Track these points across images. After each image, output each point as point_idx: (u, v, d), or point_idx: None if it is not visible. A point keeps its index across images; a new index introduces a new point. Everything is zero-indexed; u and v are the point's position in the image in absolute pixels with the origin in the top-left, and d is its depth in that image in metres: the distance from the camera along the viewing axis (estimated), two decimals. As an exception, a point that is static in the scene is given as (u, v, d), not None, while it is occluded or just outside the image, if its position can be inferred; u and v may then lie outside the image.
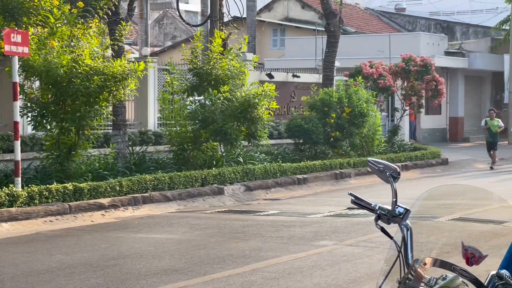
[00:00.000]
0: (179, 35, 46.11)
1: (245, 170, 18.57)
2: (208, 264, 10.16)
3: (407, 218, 4.20)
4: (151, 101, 22.46)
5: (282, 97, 26.42)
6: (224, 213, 15.41)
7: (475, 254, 3.91)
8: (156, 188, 16.11)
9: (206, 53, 19.26)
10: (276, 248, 11.37)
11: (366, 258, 10.48)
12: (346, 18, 38.67)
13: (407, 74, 29.02)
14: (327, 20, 25.89)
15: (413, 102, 29.43)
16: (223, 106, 18.57)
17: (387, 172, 4.33)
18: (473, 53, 41.34)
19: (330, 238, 12.21)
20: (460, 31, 48.89)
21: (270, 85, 19.37)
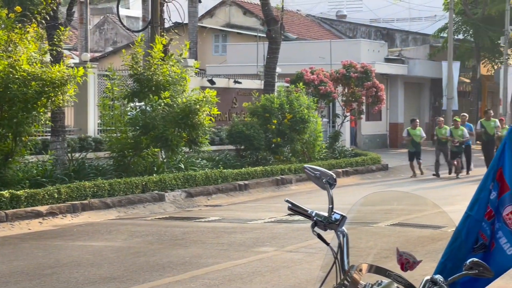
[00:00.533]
0: (120, 41, 45.76)
1: (186, 177, 18.49)
2: (147, 271, 10.07)
3: (344, 224, 4.22)
4: (91, 107, 22.23)
5: (224, 103, 26.40)
6: (164, 220, 15.31)
7: (409, 259, 3.95)
8: (96, 195, 15.93)
9: (147, 59, 19.15)
10: (216, 254, 11.33)
11: (306, 264, 10.51)
12: (288, 25, 38.88)
13: (347, 80, 29.27)
14: (269, 27, 25.98)
15: (354, 108, 29.68)
16: (164, 112, 18.47)
17: (324, 179, 4.35)
18: (412, 60, 41.90)
19: (271, 244, 12.22)
20: (399, 38, 49.53)
21: (212, 91, 19.34)
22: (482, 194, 4.90)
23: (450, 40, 37.48)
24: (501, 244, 4.85)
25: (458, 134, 25.10)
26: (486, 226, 4.90)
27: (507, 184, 4.84)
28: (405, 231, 10.76)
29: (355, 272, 3.88)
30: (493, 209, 4.86)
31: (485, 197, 4.88)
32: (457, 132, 25.20)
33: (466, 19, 43.61)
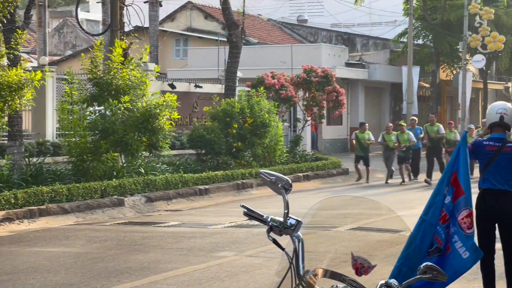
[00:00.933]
0: (80, 44, 45.40)
1: (146, 181, 18.37)
2: (105, 277, 9.98)
3: (299, 229, 4.20)
4: (49, 111, 21.99)
5: (185, 107, 26.31)
6: (123, 225, 15.19)
7: (364, 264, 3.94)
8: (54, 200, 15.75)
9: (107, 63, 19.01)
10: (175, 260, 11.26)
11: (265, 268, 10.49)
12: (249, 29, 38.89)
13: (308, 85, 29.33)
14: (230, 31, 25.96)
15: (315, 113, 29.75)
16: (123, 117, 18.35)
17: (279, 184, 4.34)
18: (372, 64, 42.17)
19: (230, 249, 12.18)
20: (360, 43, 49.83)
21: (172, 96, 19.25)
22: (437, 198, 4.94)
23: (410, 45, 37.79)
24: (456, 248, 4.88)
25: (404, 139, 24.42)
26: (441, 230, 4.92)
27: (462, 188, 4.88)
28: (364, 235, 10.83)
29: (310, 277, 3.87)
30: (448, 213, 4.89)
31: (440, 202, 4.91)
32: (403, 136, 24.53)
33: (425, 25, 44.02)
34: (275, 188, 4.37)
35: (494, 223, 8.08)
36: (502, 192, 8.04)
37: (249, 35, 40.14)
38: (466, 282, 9.27)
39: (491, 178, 8.05)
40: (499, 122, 8.17)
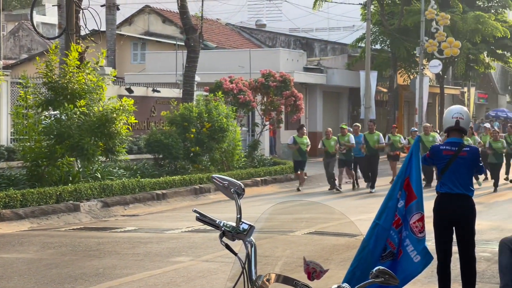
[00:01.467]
0: (36, 48, 44.92)
1: (102, 186, 18.22)
2: (59, 283, 9.85)
3: (251, 234, 4.19)
4: (3, 116, 21.70)
5: (142, 112, 26.18)
6: (79, 231, 15.04)
7: (316, 268, 3.93)
8: (7, 205, 15.53)
9: (62, 67, 18.82)
10: (131, 265, 11.17)
11: (221, 273, 10.44)
12: (207, 33, 38.84)
13: (266, 89, 29.36)
14: (187, 35, 25.88)
15: (273, 117, 29.79)
16: (79, 121, 18.18)
17: (232, 189, 4.32)
18: (330, 69, 42.36)
19: (187, 254, 12.12)
20: (318, 48, 50.03)
21: (129, 100, 19.13)
22: (390, 203, 4.96)
23: (367, 50, 38.05)
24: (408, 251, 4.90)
25: (345, 140, 23.56)
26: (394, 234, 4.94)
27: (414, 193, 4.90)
28: (320, 239, 10.83)
29: (263, 282, 3.86)
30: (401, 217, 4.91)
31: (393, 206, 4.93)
32: (343, 138, 23.62)
33: (383, 30, 44.36)
34: (227, 193, 4.35)
35: (452, 226, 8.16)
36: (459, 196, 8.13)
37: (207, 40, 40.08)
38: (421, 285, 9.33)
39: (448, 182, 8.13)
40: (455, 127, 8.26)
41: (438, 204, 8.20)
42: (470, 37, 44.03)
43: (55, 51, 18.56)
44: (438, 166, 8.29)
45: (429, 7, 40.25)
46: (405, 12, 43.20)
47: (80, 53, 19.10)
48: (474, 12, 44.44)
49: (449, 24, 41.47)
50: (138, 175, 20.96)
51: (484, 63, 48.56)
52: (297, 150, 24.17)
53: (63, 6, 21.29)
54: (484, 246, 12.39)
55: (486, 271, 10.36)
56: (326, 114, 42.66)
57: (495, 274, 8.32)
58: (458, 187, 8.14)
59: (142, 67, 40.31)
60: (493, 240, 13.07)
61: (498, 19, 46.40)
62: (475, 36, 43.92)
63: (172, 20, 43.61)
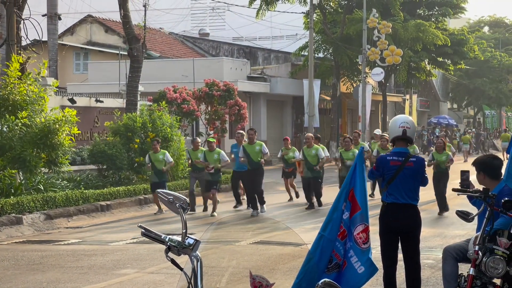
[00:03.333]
0: (-24, 58, 44.29)
1: (45, 198, 17.98)
2: (2, 299, 9.69)
3: (197, 249, 4.19)
4: None
5: (85, 122, 25.93)
6: (21, 244, 14.81)
7: (262, 282, 3.95)
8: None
9: (3, 78, 18.55)
10: (75, 278, 11.04)
11: (167, 285, 10.39)
12: (150, 43, 38.68)
13: (210, 98, 29.36)
14: (130, 45, 25.73)
15: (217, 127, 29.79)
16: (21, 133, 17.94)
17: (177, 203, 4.32)
18: (274, 78, 42.54)
19: (132, 266, 12.02)
20: (262, 56, 50.23)
21: (72, 111, 18.95)
22: (335, 214, 4.99)
23: (310, 59, 38.31)
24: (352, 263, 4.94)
25: (214, 159, 19.30)
26: (339, 245, 4.97)
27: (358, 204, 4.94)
28: (266, 249, 10.86)
29: (209, 297, 3.86)
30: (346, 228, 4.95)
31: (338, 218, 4.96)
32: (211, 156, 19.39)
33: (326, 38, 44.72)
34: (172, 208, 4.35)
35: (397, 236, 8.24)
36: (405, 206, 8.21)
37: (151, 49, 39.92)
38: (366, 294, 9.40)
39: (394, 193, 8.19)
40: (402, 136, 8.32)
41: (384, 214, 8.27)
42: (412, 45, 44.67)
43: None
44: (385, 176, 8.33)
45: (371, 16, 40.72)
46: (347, 21, 43.64)
47: (22, 63, 18.87)
48: (415, 20, 45.12)
49: (391, 32, 42.00)
50: (81, 186, 20.75)
51: (426, 70, 49.31)
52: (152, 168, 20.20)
53: (4, 16, 20.98)
54: (427, 253, 12.55)
55: (430, 278, 10.50)
56: (270, 123, 42.82)
57: (439, 281, 8.45)
58: (404, 197, 8.21)
59: (84, 77, 39.95)
60: (437, 247, 13.26)
61: (439, 27, 47.18)
62: (416, 44, 44.57)
63: (115, 30, 43.36)
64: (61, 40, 39.48)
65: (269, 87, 41.41)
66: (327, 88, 45.87)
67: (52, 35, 32.86)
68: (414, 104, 61.47)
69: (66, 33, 43.99)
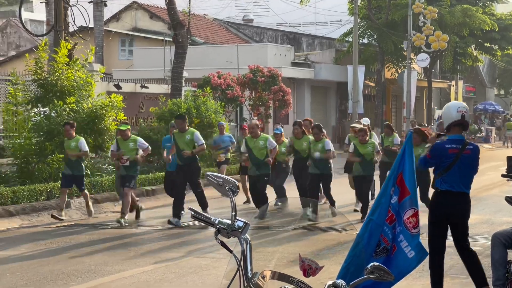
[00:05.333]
0: (24, 45, 44.77)
1: (92, 183, 18.20)
2: (51, 280, 9.87)
3: (247, 231, 4.21)
4: (-7, 113, 21.64)
5: (131, 108, 26.14)
6: (70, 228, 15.03)
7: (311, 265, 3.97)
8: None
9: (51, 64, 18.78)
10: (122, 261, 11.19)
11: (213, 269, 10.49)
12: (195, 29, 38.80)
13: (254, 84, 29.40)
14: (175, 31, 25.84)
15: (261, 112, 29.84)
16: (69, 118, 18.15)
17: (226, 186, 4.33)
18: (318, 64, 42.39)
19: (178, 250, 12.15)
20: (306, 42, 50.04)
21: (118, 96, 19.12)
22: (383, 199, 4.98)
23: (355, 45, 38.09)
24: (402, 247, 4.95)
25: (129, 148, 15.47)
26: (387, 230, 4.98)
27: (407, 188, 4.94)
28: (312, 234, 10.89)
29: (258, 279, 3.89)
30: (395, 213, 4.95)
31: (386, 202, 4.96)
32: (126, 144, 15.53)
33: (370, 24, 44.40)
34: (222, 191, 4.36)
35: (448, 223, 8.13)
36: (459, 194, 8.06)
37: (195, 35, 40.04)
38: (412, 280, 9.40)
39: (450, 180, 8.01)
40: (460, 121, 8.03)
41: (437, 201, 8.12)
42: (458, 31, 44.17)
43: (44, 48, 18.53)
44: (441, 164, 8.11)
45: (417, 1, 40.35)
46: (392, 6, 43.27)
47: (69, 50, 19.08)
48: (462, 5, 44.56)
49: (437, 17, 41.57)
50: (127, 171, 20.92)
51: (472, 56, 48.70)
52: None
53: (51, 3, 21.24)
54: (475, 240, 12.46)
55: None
56: (314, 109, 42.71)
57: (486, 268, 8.40)
58: (459, 185, 8.04)
59: (130, 63, 40.22)
60: (484, 234, 13.17)
61: (486, 12, 46.55)
62: (462, 30, 44.07)
63: (160, 16, 43.54)
64: (106, 26, 39.77)
65: (313, 73, 41.30)
66: (371, 74, 45.59)
67: (98, 21, 33.16)
68: (460, 90, 60.77)
69: (111, 19, 44.27)
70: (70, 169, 16.21)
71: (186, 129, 15.44)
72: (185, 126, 15.39)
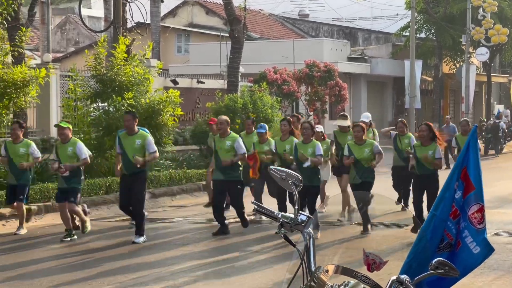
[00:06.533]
0: (82, 41, 45.41)
1: (150, 177, 18.36)
2: (112, 275, 9.99)
3: (310, 225, 4.19)
4: (53, 108, 22.00)
5: (187, 103, 26.30)
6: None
7: (375, 260, 3.94)
8: (59, 197, 15.75)
9: (110, 60, 18.99)
10: (181, 255, 11.29)
11: (272, 264, 10.51)
12: (250, 24, 38.87)
13: (310, 79, 29.36)
14: (231, 26, 25.93)
15: (317, 108, 29.78)
16: (127, 113, 18.33)
17: (290, 180, 4.32)
18: (374, 58, 42.14)
19: (237, 245, 12.18)
20: (362, 37, 49.79)
21: (175, 92, 19.25)
22: (447, 193, 4.92)
23: (412, 39, 37.75)
24: (467, 243, 4.89)
25: (67, 155, 13.15)
26: (451, 225, 4.92)
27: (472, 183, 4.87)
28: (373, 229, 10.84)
29: (322, 273, 3.88)
30: (458, 208, 4.89)
31: (450, 197, 4.90)
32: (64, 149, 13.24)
33: (428, 18, 43.97)
34: (285, 185, 4.35)
35: None
36: None
37: (251, 30, 40.12)
38: (474, 277, 9.28)
39: None
40: None
41: None
42: (518, 24, 43.47)
43: (103, 44, 18.74)
44: None
45: (475, -6, 39.81)
46: (450, 0, 42.77)
47: (127, 45, 19.26)
48: (522, -2, 43.87)
49: (497, 11, 40.96)
50: (184, 166, 21.09)
51: (533, 50, 47.91)
52: None
53: (110, 0, 21.49)
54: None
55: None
56: (370, 104, 42.48)
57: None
58: None
59: (186, 59, 40.50)
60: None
61: (547, 4, 45.73)
62: (523, 23, 43.36)
63: (216, 12, 43.74)
64: (163, 22, 40.11)
65: (370, 68, 41.07)
66: (428, 69, 45.15)
67: (155, 17, 33.44)
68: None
69: (168, 15, 44.63)
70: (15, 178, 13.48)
71: (136, 130, 12.70)
72: (133, 126, 12.69)
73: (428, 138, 12.61)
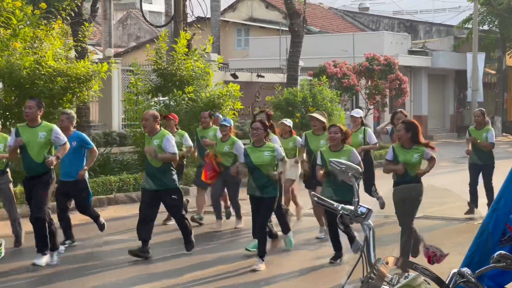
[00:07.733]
0: (143, 36, 45.90)
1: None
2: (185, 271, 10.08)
3: (370, 217, 4.21)
4: (115, 102, 22.33)
5: (247, 97, 26.42)
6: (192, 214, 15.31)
7: (436, 252, 3.94)
8: (121, 189, 16.02)
9: (171, 54, 19.20)
10: (235, 246, 11.33)
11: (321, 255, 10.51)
12: (310, 18, 38.79)
13: (371, 73, 29.19)
14: (291, 20, 25.94)
15: (377, 101, 29.61)
16: (187, 107, 18.52)
17: (350, 173, 4.34)
18: (436, 51, 41.66)
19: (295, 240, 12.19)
20: (423, 30, 49.28)
21: (235, 86, 19.36)
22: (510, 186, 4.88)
23: (475, 31, 37.23)
24: (530, 237, 4.85)
25: None
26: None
27: (535, 176, 4.83)
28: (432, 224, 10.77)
29: (382, 265, 3.89)
30: (521, 201, 4.85)
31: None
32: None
33: (491, 10, 43.27)
34: (345, 177, 4.38)
35: None
36: None
37: (311, 24, 40.03)
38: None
39: None
40: None
41: None
42: None
43: (164, 39, 18.94)
44: None
45: (540, -14, 39.06)
46: (514, -9, 42.06)
47: (188, 40, 19.44)
48: None
49: (562, 2, 40.13)
50: (244, 159, 21.16)
51: None
52: None
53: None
54: None
55: None
56: (431, 98, 42.04)
57: None
58: None
59: (246, 53, 40.63)
60: None
61: None
62: None
63: (275, 6, 43.76)
64: (223, 16, 40.30)
65: (431, 61, 40.62)
66: (491, 62, 44.47)
67: (215, 12, 33.64)
68: None
69: (228, 9, 44.81)
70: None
71: (39, 122, 10.13)
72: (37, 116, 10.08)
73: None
